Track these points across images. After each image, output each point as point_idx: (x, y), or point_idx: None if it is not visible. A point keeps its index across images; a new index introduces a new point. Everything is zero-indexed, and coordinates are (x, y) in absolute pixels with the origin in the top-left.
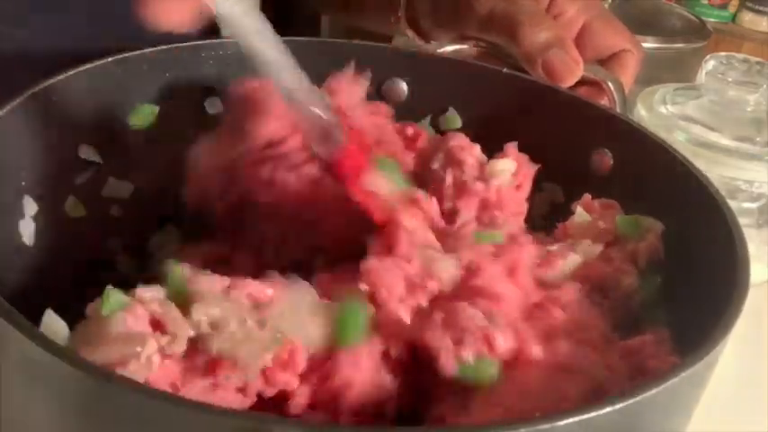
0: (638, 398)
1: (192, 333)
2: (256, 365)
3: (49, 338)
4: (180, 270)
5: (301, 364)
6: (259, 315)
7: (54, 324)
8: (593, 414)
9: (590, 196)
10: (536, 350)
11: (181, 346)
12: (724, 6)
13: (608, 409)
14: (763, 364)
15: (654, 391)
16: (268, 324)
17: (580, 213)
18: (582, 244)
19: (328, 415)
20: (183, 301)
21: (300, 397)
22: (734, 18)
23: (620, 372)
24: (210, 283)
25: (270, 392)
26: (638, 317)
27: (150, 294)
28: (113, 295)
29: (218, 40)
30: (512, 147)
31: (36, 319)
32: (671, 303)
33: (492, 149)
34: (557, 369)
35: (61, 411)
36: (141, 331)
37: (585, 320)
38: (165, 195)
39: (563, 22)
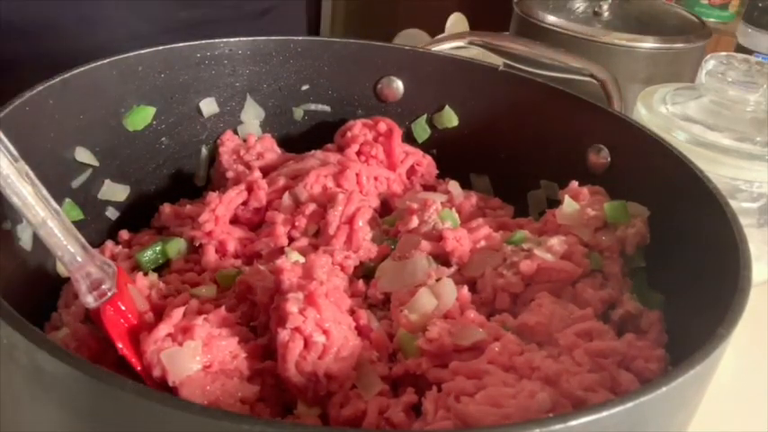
0: (646, 397)
1: None
2: None
3: (58, 346)
4: None
5: None
6: None
7: None
8: (604, 413)
9: (576, 183)
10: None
11: None
12: (724, 6)
13: (619, 408)
14: (763, 363)
15: (663, 389)
16: None
17: (568, 202)
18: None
19: None
20: None
21: None
22: (734, 18)
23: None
24: None
25: None
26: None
27: None
28: None
29: (212, 41)
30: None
31: (38, 322)
32: (672, 303)
33: (489, 147)
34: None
35: (70, 418)
36: None
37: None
38: (161, 198)
39: None
